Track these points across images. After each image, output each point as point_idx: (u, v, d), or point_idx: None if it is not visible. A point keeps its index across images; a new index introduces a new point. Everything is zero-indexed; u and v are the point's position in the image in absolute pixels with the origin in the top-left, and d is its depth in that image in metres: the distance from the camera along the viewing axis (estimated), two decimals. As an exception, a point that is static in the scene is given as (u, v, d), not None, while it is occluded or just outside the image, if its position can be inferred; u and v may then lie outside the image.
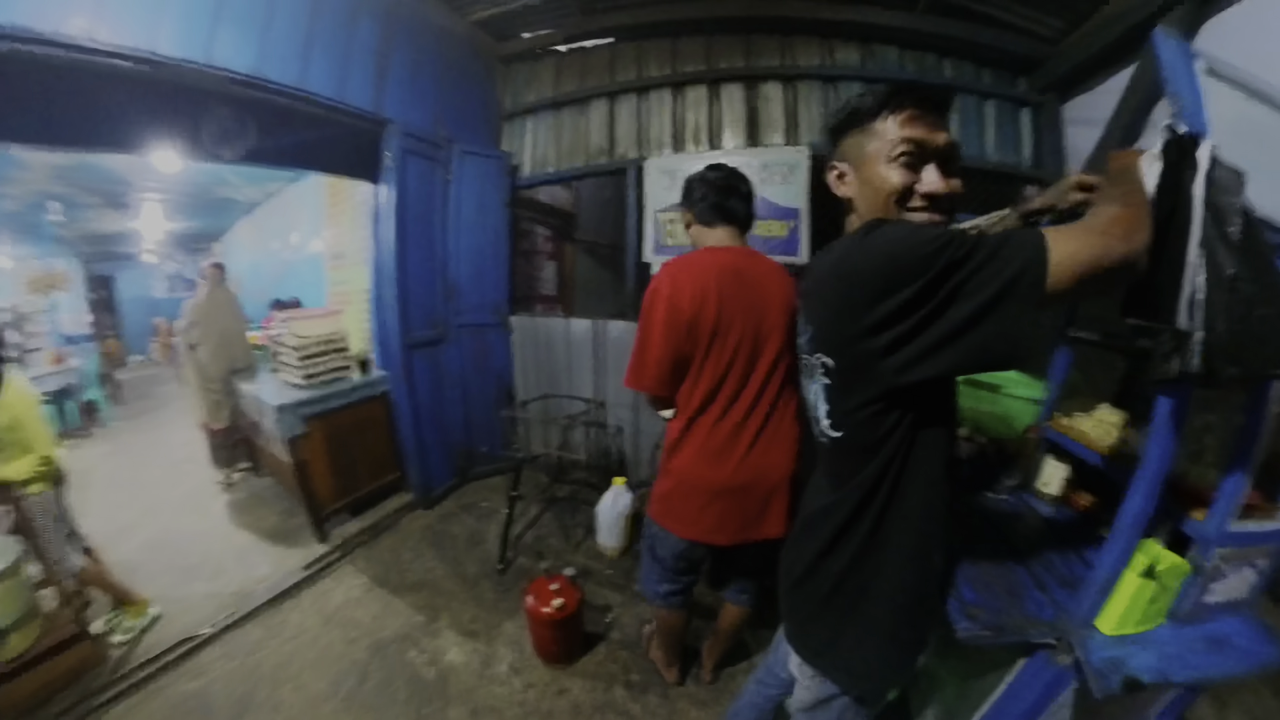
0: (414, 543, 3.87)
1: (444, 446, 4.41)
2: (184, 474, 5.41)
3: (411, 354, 4.02)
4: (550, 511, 4.23)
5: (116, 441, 6.97)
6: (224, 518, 4.45)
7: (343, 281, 5.77)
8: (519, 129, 4.79)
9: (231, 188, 7.43)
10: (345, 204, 5.50)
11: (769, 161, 3.79)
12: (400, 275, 3.89)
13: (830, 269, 1.08)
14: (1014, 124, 3.81)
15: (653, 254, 4.16)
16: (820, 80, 3.91)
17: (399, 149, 3.80)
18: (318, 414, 3.82)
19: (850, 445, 1.13)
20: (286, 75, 3.10)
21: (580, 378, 4.46)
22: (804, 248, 3.75)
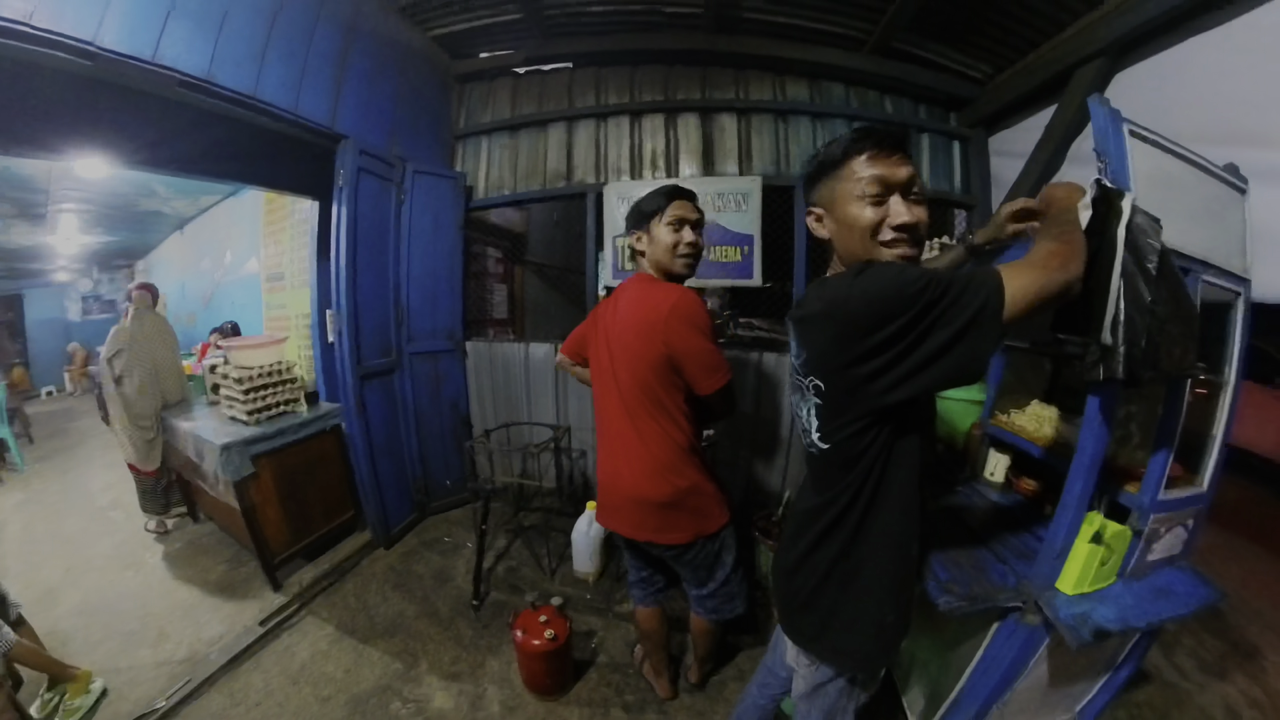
0: (378, 585, 3.55)
1: (400, 481, 4.12)
2: (110, 523, 4.73)
3: (364, 385, 3.73)
4: (519, 541, 4.01)
5: (30, 488, 5.96)
6: (162, 572, 3.89)
7: (280, 305, 5.39)
8: (473, 149, 4.57)
9: (160, 200, 6.78)
10: (285, 221, 5.16)
11: (724, 190, 3.85)
12: (352, 301, 3.61)
13: (824, 306, 1.17)
14: (947, 155, 4.12)
15: (612, 278, 4.08)
16: (772, 113, 4.06)
17: (353, 166, 3.52)
18: (266, 452, 3.47)
19: (837, 456, 1.23)
20: (240, 81, 2.80)
21: (541, 403, 4.28)
22: (758, 271, 3.84)
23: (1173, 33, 2.57)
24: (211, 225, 7.27)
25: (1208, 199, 1.76)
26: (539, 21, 3.97)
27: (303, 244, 4.70)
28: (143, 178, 5.61)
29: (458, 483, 4.40)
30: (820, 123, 4.06)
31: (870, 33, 3.71)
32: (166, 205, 7.08)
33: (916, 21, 3.53)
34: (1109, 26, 2.77)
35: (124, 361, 4.08)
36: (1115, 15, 2.74)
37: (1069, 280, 1.06)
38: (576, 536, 3.45)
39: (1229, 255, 1.75)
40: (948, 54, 3.81)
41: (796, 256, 3.81)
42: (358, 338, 3.65)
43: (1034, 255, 1.10)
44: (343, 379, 3.64)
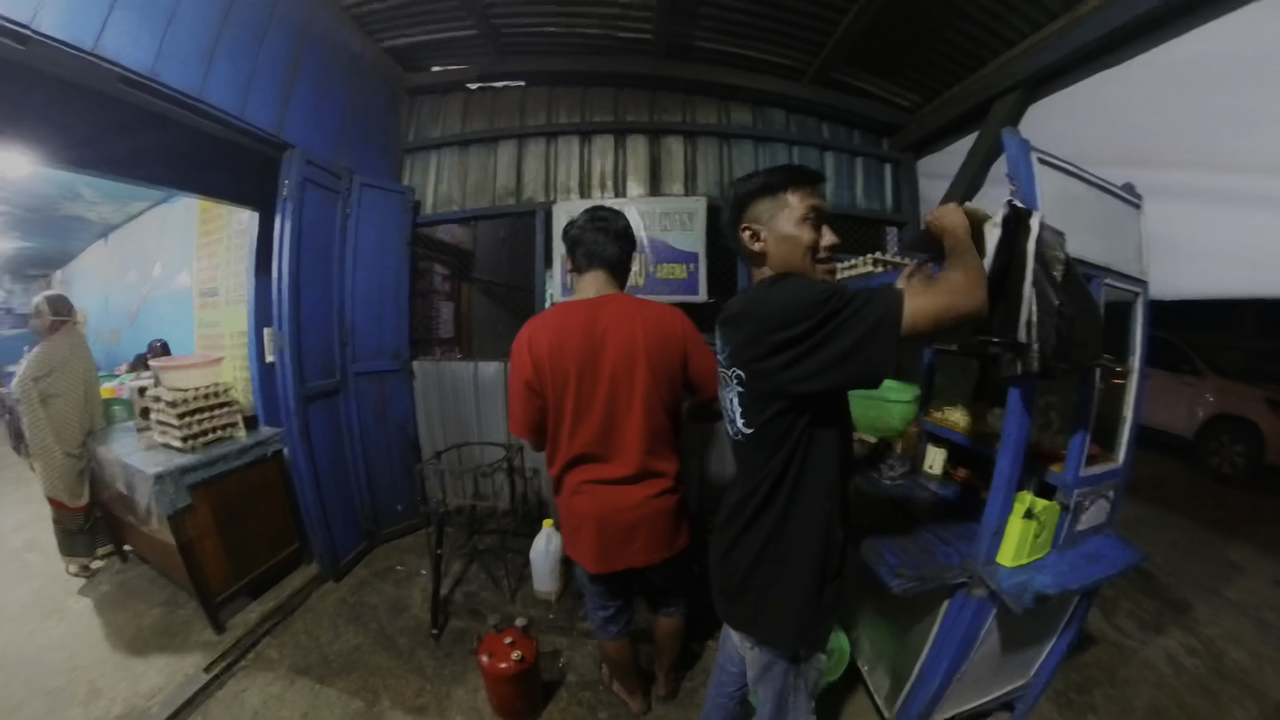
0: (330, 620, 3.26)
1: (348, 510, 3.83)
2: (27, 567, 4.04)
3: (307, 407, 3.44)
4: (475, 565, 3.79)
5: None
6: (90, 619, 3.36)
7: (213, 323, 4.95)
8: (421, 164, 4.35)
9: (84, 204, 6.06)
10: (221, 233, 4.76)
11: (670, 210, 3.87)
12: (295, 318, 3.33)
13: (743, 306, 1.33)
14: (879, 177, 4.36)
15: (561, 295, 3.97)
16: (718, 137, 4.14)
17: (298, 177, 3.26)
18: (203, 482, 3.13)
19: (760, 441, 1.33)
20: (186, 81, 2.53)
21: (492, 422, 4.08)
22: (703, 287, 3.86)
23: (1079, 69, 2.83)
24: (140, 234, 6.57)
25: (1108, 214, 1.99)
26: (493, 38, 3.85)
27: (240, 257, 4.35)
28: (68, 178, 5.03)
29: (408, 509, 4.15)
30: (762, 146, 4.17)
31: (810, 64, 3.87)
32: (91, 210, 6.36)
33: (852, 54, 3.68)
34: (1024, 63, 3.04)
35: (55, 381, 3.58)
36: (1029, 54, 3.03)
37: (972, 309, 1.17)
38: (535, 556, 3.28)
39: (1128, 261, 2.00)
40: (880, 84, 4.02)
41: (739, 273, 3.83)
42: (300, 357, 3.37)
43: (941, 283, 1.22)
44: (284, 401, 3.36)
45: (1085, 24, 2.66)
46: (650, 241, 3.85)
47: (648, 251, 3.85)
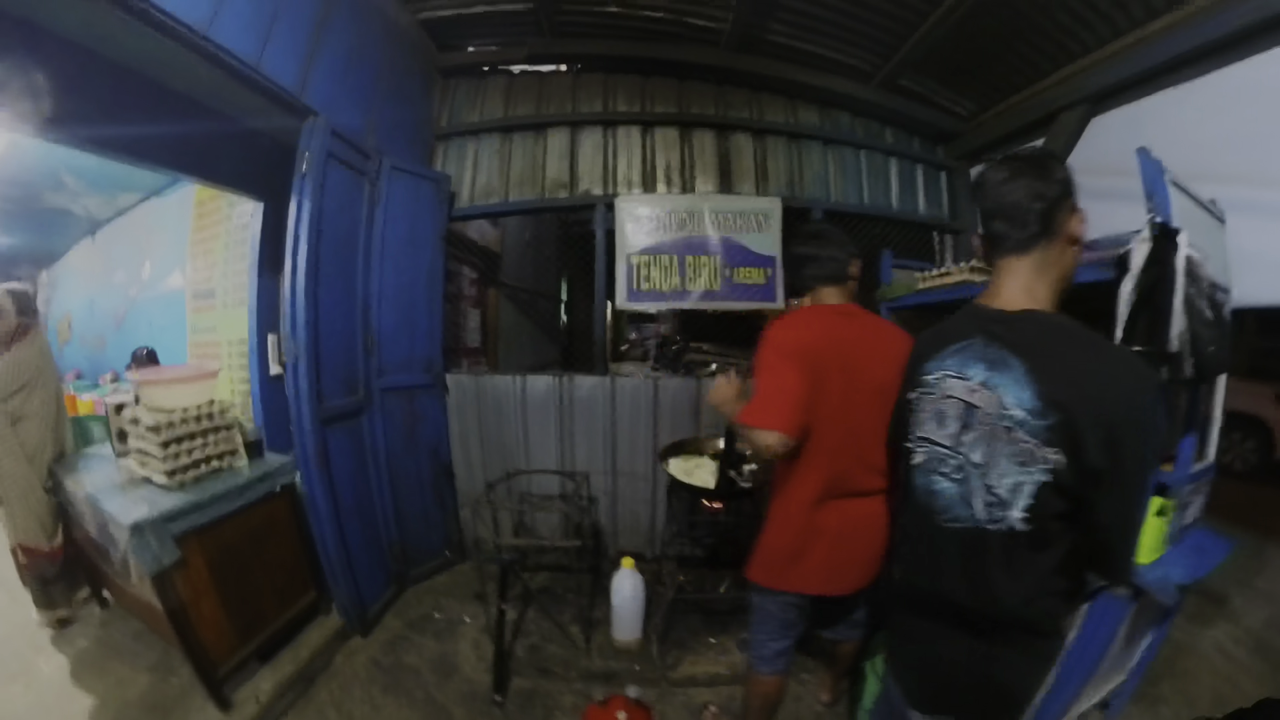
0: (363, 688, 2.49)
1: (373, 550, 3.04)
2: None
3: (326, 431, 2.68)
4: (532, 610, 3.04)
5: None
6: (62, 684, 2.54)
7: (209, 329, 4.20)
8: (456, 151, 3.66)
9: (69, 195, 5.19)
10: (218, 228, 4.07)
11: (745, 209, 3.44)
12: (312, 323, 2.57)
13: (1154, 395, 1.00)
14: (936, 184, 4.01)
15: (626, 300, 3.34)
16: (786, 136, 3.71)
17: (321, 149, 2.55)
18: (196, 529, 2.32)
19: (1034, 537, 1.03)
20: (189, 10, 1.89)
21: (542, 446, 3.42)
22: (780, 293, 3.43)
23: (1145, 86, 2.74)
24: (129, 231, 5.74)
25: (1204, 228, 1.98)
26: (549, 15, 3.28)
27: (240, 256, 3.65)
28: (49, 165, 4.30)
29: (441, 544, 3.44)
30: (831, 149, 3.75)
31: (880, 67, 3.52)
32: (76, 203, 5.51)
33: (924, 60, 3.40)
34: (1090, 79, 2.92)
35: (26, 400, 2.81)
36: (1094, 70, 2.91)
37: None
38: (620, 600, 2.66)
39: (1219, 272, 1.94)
40: (941, 91, 3.73)
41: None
42: (318, 371, 2.61)
43: None
44: (299, 424, 2.58)
45: (1153, 45, 2.61)
46: (724, 242, 3.32)
47: (722, 254, 3.31)
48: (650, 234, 3.29)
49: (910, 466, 1.22)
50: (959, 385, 1.10)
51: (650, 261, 3.29)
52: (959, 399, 1.10)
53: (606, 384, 3.31)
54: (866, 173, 3.73)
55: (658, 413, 3.30)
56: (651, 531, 3.44)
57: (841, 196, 3.62)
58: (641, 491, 3.40)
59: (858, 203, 3.66)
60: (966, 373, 1.09)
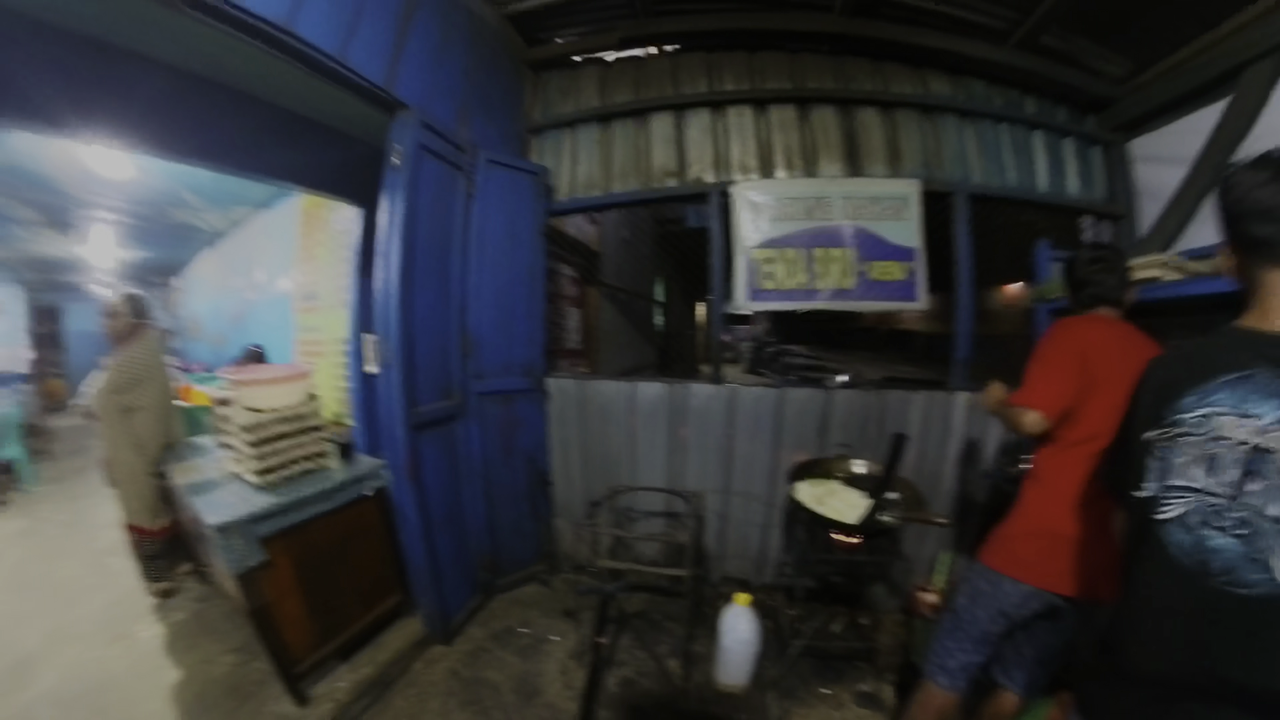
0: (440, 701, 2.28)
1: (462, 560, 2.81)
2: (106, 574, 3.47)
3: (419, 438, 2.46)
4: (626, 638, 2.67)
5: (34, 514, 4.85)
6: (156, 653, 2.67)
7: (314, 329, 4.31)
8: (552, 144, 3.39)
9: (191, 211, 5.63)
10: (321, 234, 4.21)
11: (880, 194, 2.89)
12: (405, 324, 2.37)
13: None
14: (1087, 161, 3.27)
15: (747, 300, 2.88)
16: (918, 109, 3.12)
17: (413, 143, 2.36)
18: (283, 530, 2.20)
19: None
20: (269, 7, 1.80)
21: (651, 460, 3.08)
22: (921, 291, 2.86)
23: None
24: (245, 241, 6.16)
25: None
26: None
27: (341, 259, 3.72)
28: (170, 185, 4.58)
29: (532, 555, 3.16)
30: (967, 122, 3.12)
31: (1019, 24, 2.90)
32: (198, 218, 5.93)
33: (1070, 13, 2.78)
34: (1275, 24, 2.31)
35: (139, 394, 2.94)
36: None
37: None
38: (732, 642, 2.24)
39: None
40: (1091, 49, 3.02)
41: (960, 272, 2.83)
42: (411, 374, 2.40)
43: None
44: (390, 430, 2.39)
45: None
46: (857, 233, 2.81)
47: (855, 246, 2.81)
48: (772, 225, 2.87)
49: (1154, 521, 0.99)
50: (1238, 425, 0.91)
51: (774, 256, 2.86)
52: (1240, 441, 0.90)
53: (725, 393, 2.94)
54: (1009, 149, 3.12)
55: (781, 427, 2.88)
56: (761, 557, 3.02)
57: (984, 177, 3.03)
58: (756, 514, 2.98)
59: (1001, 184, 3.05)
60: (1250, 410, 0.91)
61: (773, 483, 2.90)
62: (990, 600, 1.64)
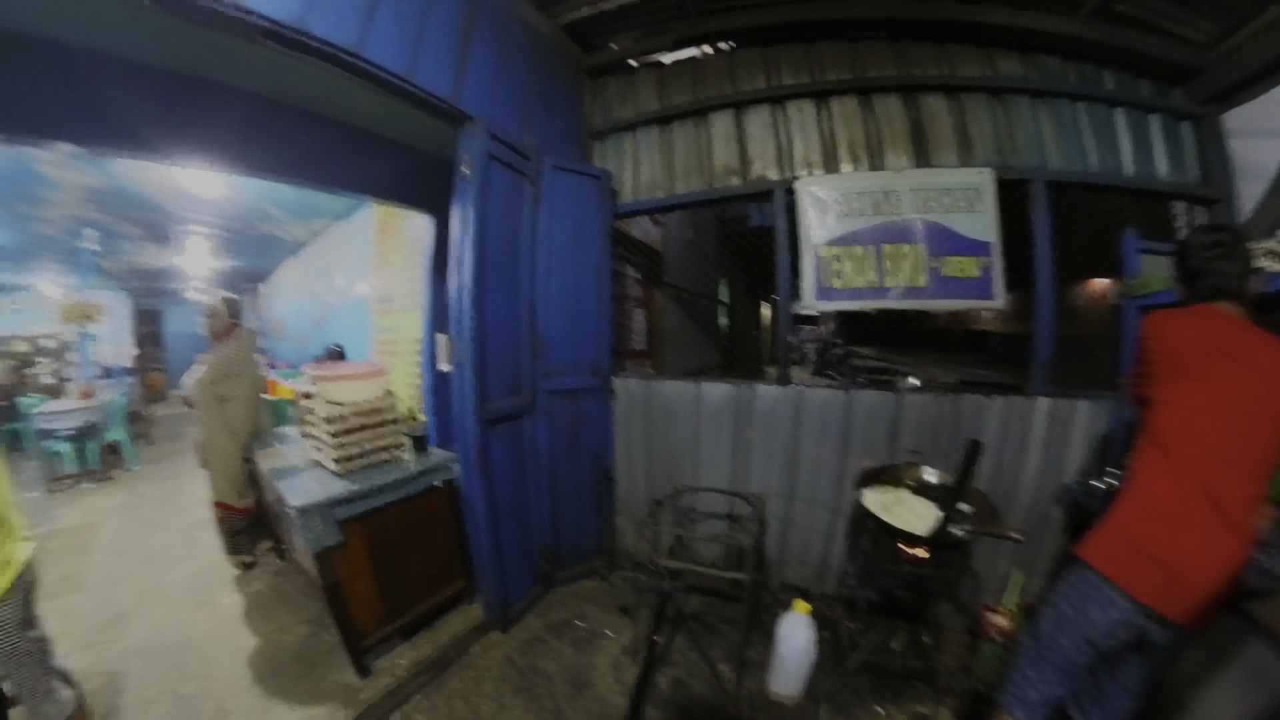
0: (493, 685, 2.32)
1: (525, 551, 2.86)
2: (194, 545, 3.86)
3: (489, 433, 2.53)
4: (681, 637, 2.63)
5: (134, 490, 5.40)
6: (235, 619, 2.92)
7: (389, 329, 4.54)
8: (614, 148, 3.40)
9: (275, 223, 6.06)
10: (395, 241, 4.43)
11: (950, 185, 2.69)
12: (478, 325, 2.44)
13: None
14: (1176, 138, 2.91)
15: (815, 299, 2.77)
16: (986, 93, 2.86)
17: (481, 152, 2.43)
18: (358, 515, 2.32)
19: None
20: (338, 33, 1.92)
21: (714, 462, 3.01)
22: (998, 288, 2.62)
23: None
24: (324, 249, 6.57)
25: None
26: None
27: (414, 264, 3.95)
28: (257, 200, 4.98)
29: (593, 550, 3.17)
30: (1041, 104, 2.84)
31: None
32: (282, 229, 6.35)
33: None
34: None
35: (232, 385, 3.22)
36: None
37: None
38: (788, 651, 2.15)
39: None
40: (1170, 14, 2.70)
41: (1040, 267, 2.59)
42: (483, 373, 2.47)
43: None
44: (461, 424, 2.46)
45: None
46: (928, 227, 2.65)
47: (926, 241, 2.65)
48: (838, 221, 2.76)
49: None
50: None
51: (842, 254, 2.75)
52: None
53: (792, 395, 2.84)
54: (1088, 130, 2.82)
55: (849, 431, 2.76)
56: (823, 566, 2.89)
57: (1064, 162, 2.76)
58: (819, 520, 2.86)
59: (1083, 169, 2.76)
60: None
61: (838, 488, 2.77)
62: (1075, 626, 1.50)
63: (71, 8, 1.84)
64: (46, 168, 3.86)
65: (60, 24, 1.98)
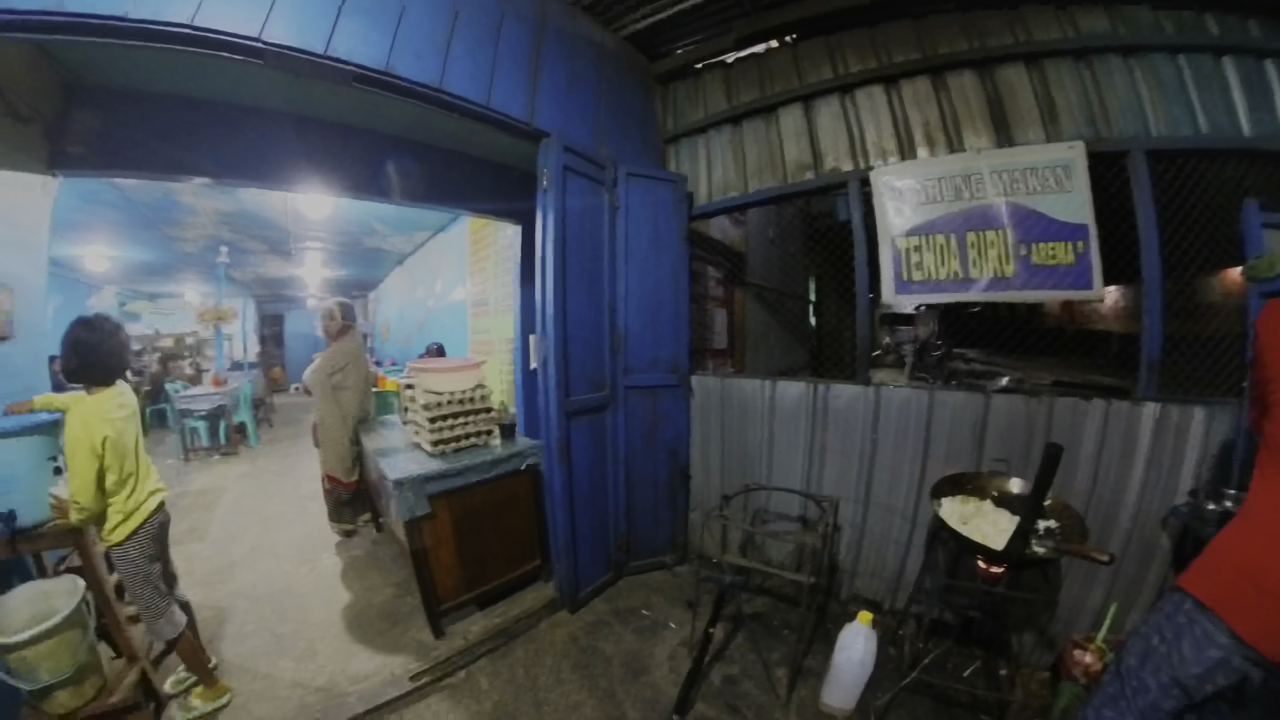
0: (554, 659, 2.47)
1: (599, 537, 2.99)
2: (304, 513, 4.42)
3: (570, 423, 2.69)
4: (740, 635, 2.64)
5: (255, 463, 6.35)
6: (332, 578, 3.33)
7: (484, 330, 4.90)
8: (687, 151, 3.48)
9: (379, 238, 6.74)
10: (488, 250, 4.75)
11: (1035, 163, 2.43)
12: (561, 324, 2.63)
13: None
14: None
15: (894, 294, 2.67)
16: (1070, 56, 2.50)
17: (557, 165, 2.62)
18: (446, 491, 2.56)
19: None
20: (422, 72, 2.23)
21: (787, 462, 2.98)
22: (1096, 276, 2.31)
23: None
24: (425, 259, 7.19)
25: None
26: None
27: (505, 270, 4.23)
28: (363, 217, 5.56)
29: (665, 543, 3.24)
30: (1133, 61, 2.43)
31: None
32: (386, 242, 7.02)
33: None
34: None
35: (344, 376, 3.64)
36: None
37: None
38: (844, 660, 2.05)
39: None
40: None
41: (1145, 251, 2.24)
42: (566, 368, 2.65)
43: None
44: (546, 415, 2.64)
45: None
46: (1013, 211, 2.45)
47: (1012, 226, 2.45)
48: (917, 210, 2.62)
49: None
50: None
51: (921, 244, 2.60)
52: None
53: (869, 395, 2.72)
54: (1193, 87, 2.35)
55: (930, 435, 2.58)
56: (897, 580, 2.72)
57: (1167, 128, 2.33)
58: (895, 529, 2.71)
59: (1192, 133, 2.31)
60: None
61: (916, 496, 2.62)
62: (1165, 662, 1.29)
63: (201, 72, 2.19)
64: (186, 197, 4.57)
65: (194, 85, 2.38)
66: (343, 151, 2.88)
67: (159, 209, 4.97)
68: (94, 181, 3.84)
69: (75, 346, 1.87)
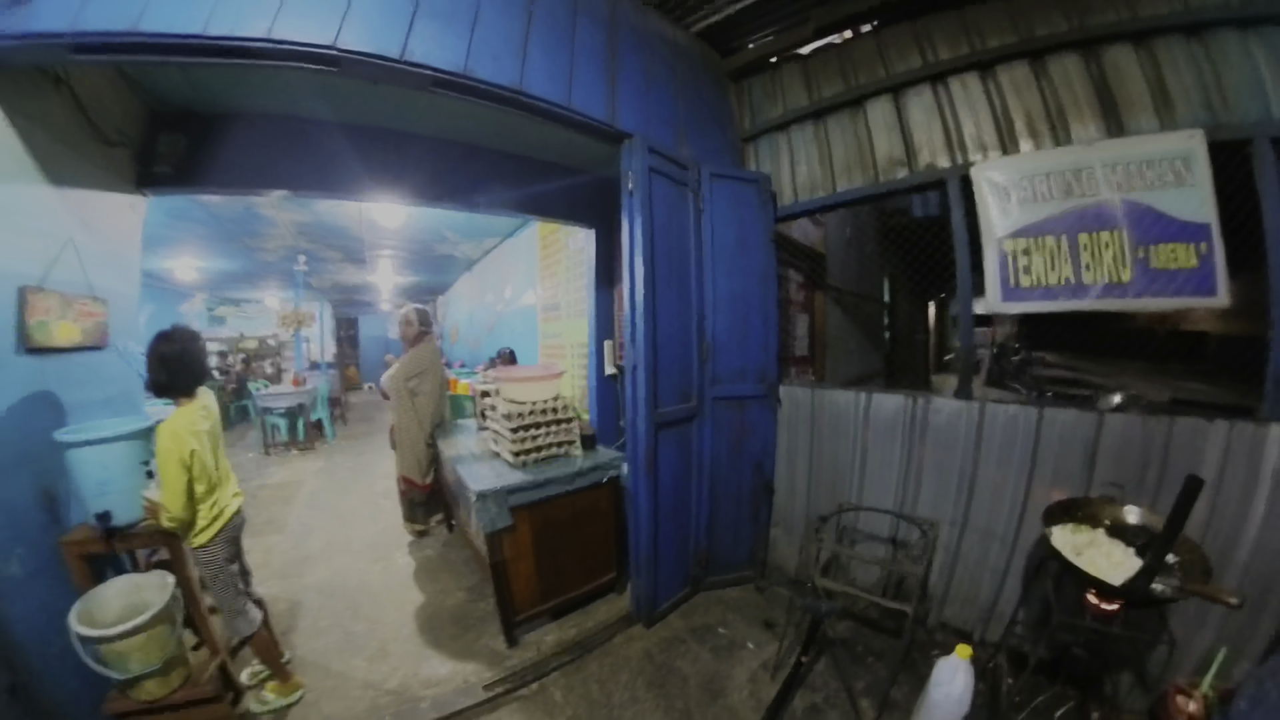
0: (629, 676, 2.40)
1: (680, 552, 2.92)
2: (378, 511, 4.53)
3: (659, 435, 2.64)
4: (823, 661, 2.50)
5: (331, 459, 6.63)
6: (405, 577, 3.38)
7: (555, 335, 4.93)
8: (768, 150, 3.34)
9: (450, 244, 6.95)
10: (559, 255, 4.81)
11: (1150, 155, 2.17)
12: (650, 331, 2.56)
13: None
14: None
15: (1001, 300, 2.47)
16: (1181, 32, 2.21)
17: (642, 166, 2.56)
18: (528, 503, 2.55)
19: None
20: (500, 74, 2.19)
21: (880, 480, 2.82)
22: (1221, 281, 2.05)
23: None
24: (494, 265, 7.35)
25: None
26: None
27: (577, 274, 4.29)
28: (435, 225, 5.73)
29: (744, 559, 3.14)
30: (1253, 34, 2.11)
31: None
32: (456, 249, 7.21)
33: None
34: None
35: (421, 381, 3.74)
36: None
37: None
38: (940, 695, 1.90)
39: None
40: None
41: (1272, 254, 1.96)
42: (655, 378, 2.59)
43: None
44: (633, 427, 2.59)
45: None
46: (1130, 210, 2.21)
47: (1128, 225, 2.22)
48: (1022, 209, 2.42)
49: None
50: None
51: (1030, 247, 2.40)
52: None
53: (972, 411, 2.53)
54: None
55: (1037, 455, 2.38)
56: (990, 610, 2.53)
57: None
58: (993, 556, 2.52)
59: None
60: None
61: (1018, 521, 2.42)
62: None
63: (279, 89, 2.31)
64: (267, 210, 4.84)
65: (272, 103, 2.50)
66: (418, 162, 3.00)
67: (241, 222, 5.30)
68: (180, 199, 4.12)
69: (162, 361, 1.94)
